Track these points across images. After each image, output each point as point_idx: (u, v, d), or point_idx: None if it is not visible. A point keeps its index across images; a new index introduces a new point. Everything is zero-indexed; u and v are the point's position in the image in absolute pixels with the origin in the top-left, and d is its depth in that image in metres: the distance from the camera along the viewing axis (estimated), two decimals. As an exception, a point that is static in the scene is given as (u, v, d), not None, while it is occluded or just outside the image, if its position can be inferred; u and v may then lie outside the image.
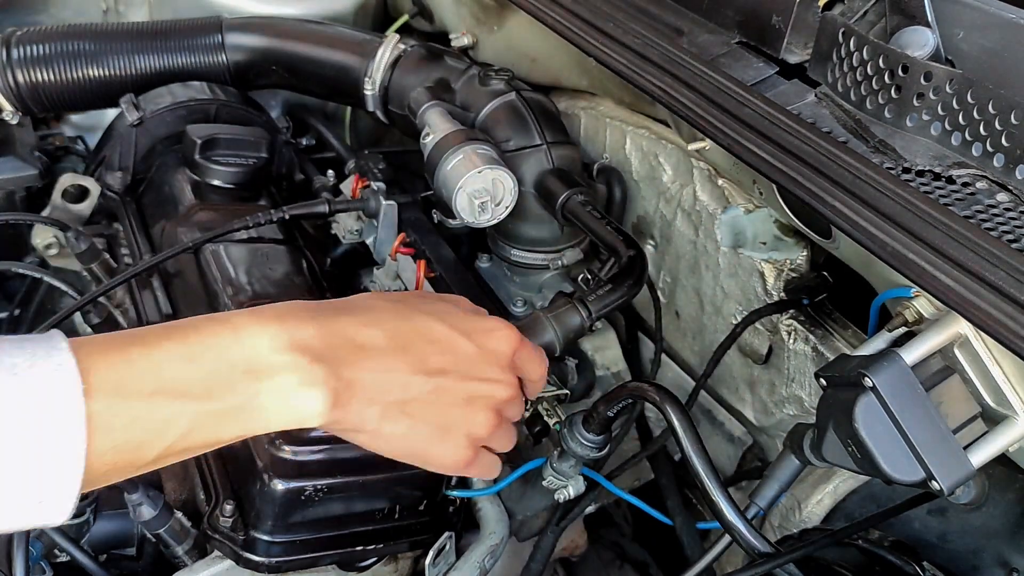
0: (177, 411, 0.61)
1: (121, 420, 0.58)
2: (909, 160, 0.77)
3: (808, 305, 0.99)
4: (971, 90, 0.74)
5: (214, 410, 0.62)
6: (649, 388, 0.84)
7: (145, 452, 0.61)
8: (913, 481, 0.68)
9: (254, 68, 1.42)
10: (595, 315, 0.91)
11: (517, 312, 1.17)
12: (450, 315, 0.76)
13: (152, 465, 0.63)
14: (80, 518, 0.92)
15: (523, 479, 0.96)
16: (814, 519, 0.98)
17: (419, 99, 1.22)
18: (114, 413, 0.58)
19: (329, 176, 1.37)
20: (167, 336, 0.63)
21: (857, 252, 0.87)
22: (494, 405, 0.75)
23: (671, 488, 1.09)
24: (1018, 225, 0.70)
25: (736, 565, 1.04)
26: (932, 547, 0.93)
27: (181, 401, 0.61)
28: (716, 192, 1.06)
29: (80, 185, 1.27)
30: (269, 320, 0.66)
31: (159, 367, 0.61)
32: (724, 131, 0.82)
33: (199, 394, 0.62)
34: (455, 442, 0.74)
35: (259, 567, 0.85)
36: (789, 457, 0.79)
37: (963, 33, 0.81)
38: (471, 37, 1.45)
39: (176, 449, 0.62)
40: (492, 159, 1.07)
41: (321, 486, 0.82)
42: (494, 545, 0.94)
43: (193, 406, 0.61)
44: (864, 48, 0.82)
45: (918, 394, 0.68)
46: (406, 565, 0.98)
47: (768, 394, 1.05)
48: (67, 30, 1.35)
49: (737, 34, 0.98)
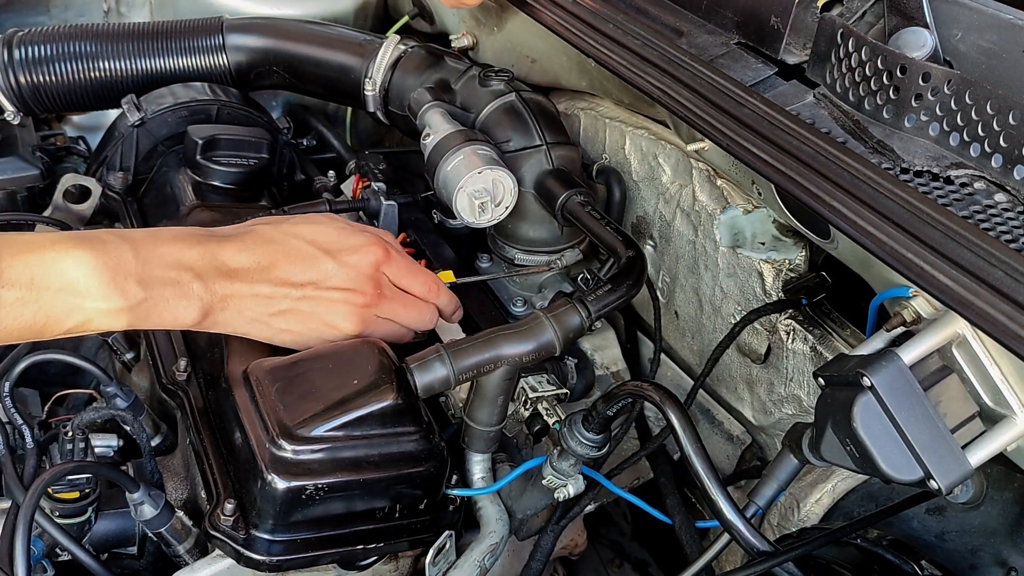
0: (77, 304, 0.78)
1: (30, 308, 0.76)
2: (907, 160, 0.77)
3: (807, 305, 1.00)
4: (969, 91, 0.75)
5: (108, 308, 0.80)
6: (648, 387, 0.85)
7: (48, 331, 0.78)
8: (911, 480, 0.68)
9: (255, 69, 1.42)
10: (595, 315, 0.92)
11: (517, 312, 1.18)
12: (320, 235, 0.91)
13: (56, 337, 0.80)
14: (81, 517, 0.92)
15: (523, 478, 0.97)
16: (813, 518, 0.98)
17: (419, 100, 1.22)
18: (24, 302, 0.75)
19: (330, 176, 1.37)
20: (79, 245, 0.79)
21: (855, 252, 0.87)
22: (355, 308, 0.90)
23: (670, 487, 1.09)
24: (1016, 225, 0.71)
25: (735, 564, 1.05)
26: (930, 546, 0.94)
27: (82, 298, 0.78)
28: (715, 192, 1.06)
29: (82, 185, 1.28)
30: (164, 242, 0.84)
31: (67, 269, 0.78)
32: (723, 131, 0.83)
33: (97, 295, 0.79)
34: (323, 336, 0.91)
35: (260, 566, 0.85)
36: (788, 456, 0.79)
37: (961, 34, 0.82)
38: (471, 38, 1.45)
39: (75, 331, 0.80)
40: (492, 159, 1.08)
41: (322, 485, 0.83)
42: (494, 544, 0.95)
43: (91, 303, 0.79)
44: (862, 49, 0.83)
45: (916, 394, 0.69)
46: (406, 564, 0.98)
47: (767, 393, 1.05)
48: (69, 31, 1.36)
49: (736, 35, 0.98)
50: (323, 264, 0.90)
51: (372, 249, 0.93)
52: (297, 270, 0.89)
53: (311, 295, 0.89)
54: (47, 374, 1.13)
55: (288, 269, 0.89)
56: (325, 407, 0.85)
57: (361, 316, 0.91)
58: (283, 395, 0.86)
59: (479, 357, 0.88)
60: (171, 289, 0.83)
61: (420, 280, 0.97)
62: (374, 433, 0.86)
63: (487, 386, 0.90)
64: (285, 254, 0.89)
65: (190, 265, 0.84)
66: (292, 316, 0.89)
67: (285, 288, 0.88)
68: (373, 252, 0.92)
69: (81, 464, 0.91)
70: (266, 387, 0.87)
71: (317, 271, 0.89)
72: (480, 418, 0.92)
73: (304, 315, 0.90)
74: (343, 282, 0.90)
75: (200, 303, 0.84)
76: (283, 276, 0.88)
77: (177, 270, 0.83)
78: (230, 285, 0.86)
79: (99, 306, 0.79)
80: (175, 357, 1.03)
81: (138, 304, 0.81)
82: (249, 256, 0.87)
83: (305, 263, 0.89)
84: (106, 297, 0.79)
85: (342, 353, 0.91)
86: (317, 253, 0.90)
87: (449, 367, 0.86)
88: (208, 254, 0.85)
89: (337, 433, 0.84)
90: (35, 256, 0.77)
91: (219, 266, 0.86)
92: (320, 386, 0.87)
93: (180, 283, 0.83)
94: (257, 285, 0.87)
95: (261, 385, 0.88)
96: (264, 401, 0.86)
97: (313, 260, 0.90)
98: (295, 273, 0.89)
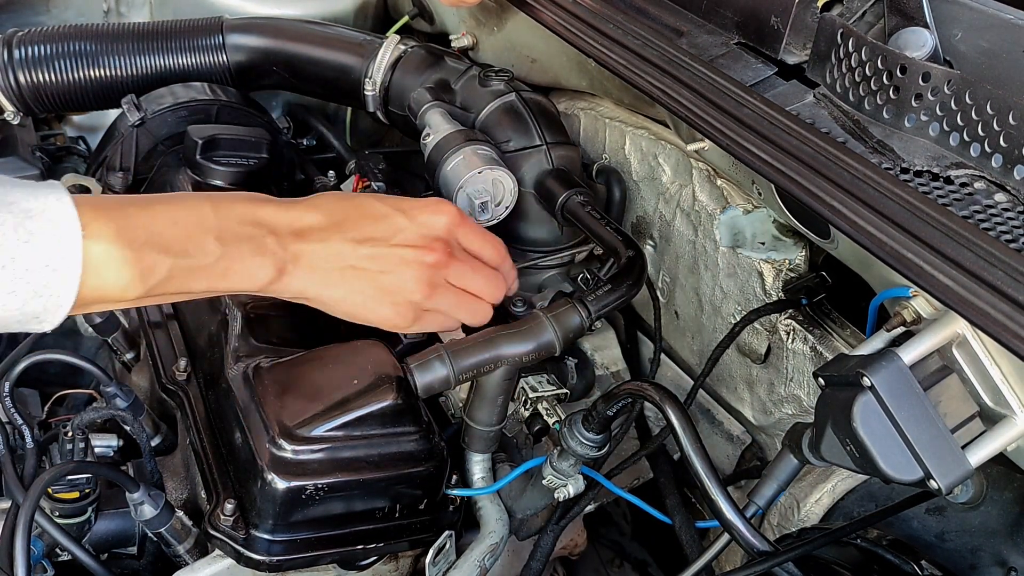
0: (159, 261, 0.75)
1: (116, 262, 0.73)
2: (907, 160, 0.77)
3: (807, 305, 1.00)
4: (969, 91, 0.75)
5: (188, 265, 0.77)
6: (648, 387, 0.85)
7: (128, 292, 0.75)
8: (911, 480, 0.68)
9: (255, 69, 1.42)
10: (595, 315, 0.92)
11: (517, 312, 1.18)
12: (391, 198, 0.90)
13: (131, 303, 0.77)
14: (81, 517, 0.92)
15: (523, 478, 0.97)
16: (813, 518, 0.98)
17: (419, 100, 1.22)
18: (110, 255, 0.73)
19: (330, 176, 1.37)
20: (160, 201, 0.79)
21: (855, 252, 0.87)
22: (424, 269, 0.86)
23: (670, 487, 1.09)
24: (1016, 225, 0.71)
25: (735, 564, 1.05)
26: (930, 546, 0.94)
27: (164, 255, 0.76)
28: (715, 192, 1.06)
29: (82, 185, 1.27)
30: (239, 200, 0.83)
31: (150, 224, 0.76)
32: (723, 131, 0.83)
33: (178, 251, 0.77)
34: (392, 301, 0.86)
35: (260, 565, 0.85)
36: (788, 456, 0.79)
37: (961, 34, 0.82)
38: (471, 38, 1.45)
39: (154, 293, 0.77)
40: (492, 159, 1.08)
41: (322, 485, 0.83)
42: (494, 544, 0.95)
43: (172, 260, 0.76)
44: (863, 49, 0.83)
45: (916, 393, 0.69)
46: (406, 564, 0.98)
47: (767, 393, 1.05)
48: (69, 31, 1.35)
49: (736, 35, 0.98)
50: (395, 219, 0.87)
51: (445, 209, 0.90)
52: (368, 225, 0.86)
53: (382, 253, 0.86)
54: (47, 374, 1.13)
55: (360, 224, 0.86)
56: (325, 407, 0.85)
57: (430, 278, 0.87)
58: (283, 395, 0.86)
59: (479, 357, 0.88)
60: (247, 245, 0.80)
61: (491, 245, 0.93)
62: (374, 433, 0.86)
63: (487, 386, 0.90)
64: (357, 210, 0.87)
65: (265, 221, 0.82)
66: (362, 276, 0.85)
67: (354, 245, 0.85)
68: (447, 212, 0.89)
69: (81, 464, 0.91)
70: (266, 387, 0.87)
71: (388, 226, 0.87)
72: (480, 418, 0.92)
73: (372, 275, 0.86)
74: (414, 239, 0.87)
75: (274, 259, 0.81)
76: (354, 232, 0.85)
77: (253, 226, 0.81)
78: (302, 243, 0.83)
79: (180, 263, 0.77)
80: (175, 357, 1.03)
81: (216, 261, 0.79)
82: (319, 215, 0.85)
83: (377, 219, 0.87)
84: (187, 253, 0.77)
85: (342, 353, 0.91)
86: (389, 210, 0.88)
87: (449, 367, 0.86)
88: (281, 211, 0.84)
89: (337, 433, 0.84)
90: (118, 211, 0.75)
91: (291, 222, 0.83)
92: (320, 386, 0.87)
93: (255, 239, 0.81)
94: (328, 242, 0.84)
95: (261, 385, 0.88)
96: (264, 401, 0.86)
97: (385, 217, 0.87)
98: (366, 228, 0.86)
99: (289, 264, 0.82)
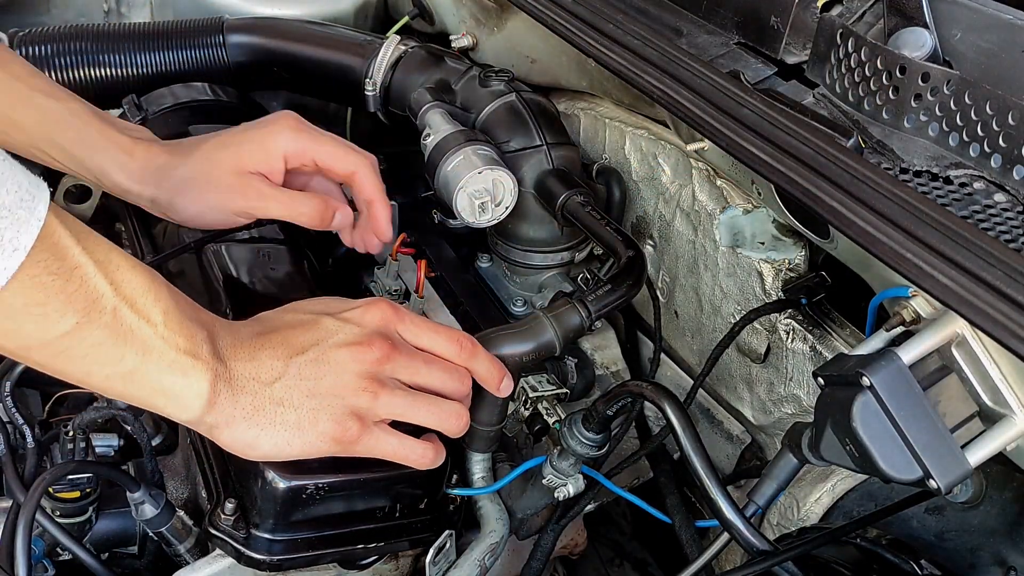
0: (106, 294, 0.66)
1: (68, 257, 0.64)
2: (907, 160, 0.78)
3: (806, 305, 1.00)
4: (969, 91, 0.75)
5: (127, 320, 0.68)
6: (648, 387, 0.85)
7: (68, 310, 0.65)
8: (911, 480, 0.68)
9: (255, 69, 1.42)
10: (595, 315, 0.92)
11: (517, 312, 1.18)
12: (317, 303, 0.82)
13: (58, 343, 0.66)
14: (82, 517, 0.92)
15: (523, 478, 0.97)
16: (812, 517, 0.98)
17: (420, 100, 1.22)
18: (66, 246, 0.64)
19: (330, 176, 1.37)
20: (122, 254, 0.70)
21: (855, 252, 0.87)
22: (365, 365, 0.76)
23: (670, 486, 1.09)
24: (1015, 225, 0.71)
25: (735, 563, 1.05)
26: (930, 545, 0.94)
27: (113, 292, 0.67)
28: (715, 192, 1.06)
29: (82, 185, 1.28)
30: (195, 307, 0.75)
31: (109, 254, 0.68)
32: (723, 131, 0.83)
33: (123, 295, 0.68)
34: (328, 412, 0.75)
35: (260, 565, 0.85)
36: (787, 456, 0.79)
37: (961, 34, 0.82)
38: (471, 38, 1.45)
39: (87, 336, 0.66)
40: (492, 159, 1.08)
41: (322, 484, 0.83)
42: (494, 544, 0.95)
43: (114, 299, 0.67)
44: (862, 49, 0.83)
45: (915, 393, 0.69)
46: (407, 563, 0.98)
47: (766, 393, 1.05)
48: (69, 31, 1.36)
49: (736, 35, 0.98)
50: (323, 323, 0.78)
51: (377, 306, 0.80)
52: (295, 334, 0.77)
53: (312, 358, 0.76)
54: (47, 374, 1.13)
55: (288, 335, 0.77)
56: (325, 407, 0.85)
57: (373, 373, 0.77)
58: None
59: None
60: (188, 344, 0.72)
61: (444, 337, 0.82)
62: (374, 433, 0.86)
63: None
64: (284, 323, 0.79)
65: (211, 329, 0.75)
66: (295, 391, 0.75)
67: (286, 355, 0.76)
68: (379, 308, 0.80)
69: (82, 464, 0.91)
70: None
71: (317, 332, 0.77)
72: (481, 418, 0.92)
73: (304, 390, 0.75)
74: (348, 337, 0.77)
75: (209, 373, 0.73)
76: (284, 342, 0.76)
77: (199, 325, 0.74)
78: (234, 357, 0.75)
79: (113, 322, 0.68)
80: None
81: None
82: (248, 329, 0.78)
83: (303, 327, 0.78)
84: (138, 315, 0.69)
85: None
86: (316, 316, 0.79)
87: None
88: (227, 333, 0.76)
89: (338, 433, 0.84)
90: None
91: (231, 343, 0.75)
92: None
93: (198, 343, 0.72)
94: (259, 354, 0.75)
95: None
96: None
97: (311, 323, 0.78)
98: (296, 337, 0.77)
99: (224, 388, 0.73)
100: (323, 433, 0.76)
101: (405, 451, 0.80)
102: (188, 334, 0.72)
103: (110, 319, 0.67)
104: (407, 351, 0.80)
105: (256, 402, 0.74)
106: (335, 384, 0.76)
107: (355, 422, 0.76)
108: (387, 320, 0.80)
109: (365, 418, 0.77)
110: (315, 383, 0.75)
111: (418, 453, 0.81)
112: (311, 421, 0.75)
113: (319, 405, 0.75)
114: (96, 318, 0.66)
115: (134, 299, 0.69)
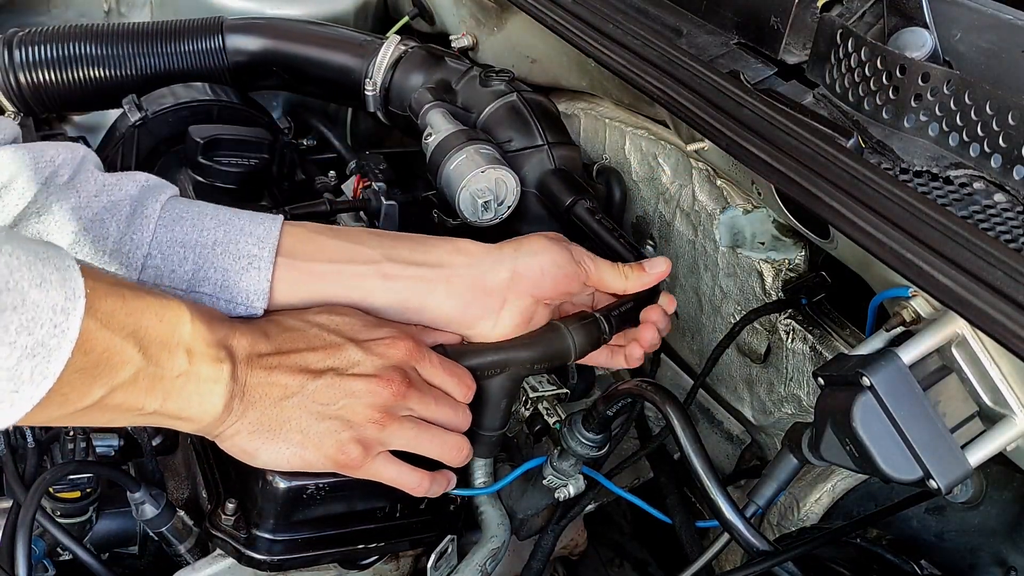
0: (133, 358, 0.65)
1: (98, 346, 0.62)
2: (907, 161, 0.78)
3: (806, 305, 1.00)
4: (969, 91, 0.75)
5: (151, 372, 0.67)
6: (648, 387, 0.85)
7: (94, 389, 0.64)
8: (911, 480, 0.68)
9: (255, 69, 1.42)
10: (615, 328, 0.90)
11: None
12: (344, 324, 0.80)
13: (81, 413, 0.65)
14: (83, 517, 0.92)
15: (523, 478, 0.97)
16: (812, 517, 0.98)
17: (420, 100, 1.22)
18: (96, 338, 0.62)
19: (330, 176, 1.37)
20: (149, 292, 0.70)
21: (855, 252, 0.87)
22: (379, 398, 0.77)
23: (670, 487, 1.09)
24: (1015, 225, 0.71)
25: (735, 563, 1.05)
26: (930, 545, 0.94)
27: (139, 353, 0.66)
28: (715, 192, 1.06)
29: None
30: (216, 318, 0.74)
31: (139, 314, 0.66)
32: (722, 132, 0.83)
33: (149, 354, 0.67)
34: (335, 436, 0.77)
35: (261, 565, 0.85)
36: (787, 456, 0.79)
37: (961, 34, 0.82)
38: (471, 38, 1.45)
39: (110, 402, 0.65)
40: (495, 158, 1.08)
41: (323, 484, 0.83)
42: (496, 548, 0.95)
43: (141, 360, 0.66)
44: (862, 49, 0.83)
45: (916, 393, 0.69)
46: (407, 563, 0.98)
47: (766, 393, 1.06)
48: (69, 31, 1.36)
49: (736, 35, 0.98)
50: (346, 351, 0.78)
51: (402, 341, 0.81)
52: (316, 357, 0.78)
53: (328, 383, 0.77)
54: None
55: (308, 356, 0.77)
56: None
57: (386, 406, 0.78)
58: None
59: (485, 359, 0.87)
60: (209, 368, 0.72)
61: (456, 381, 0.83)
62: (375, 433, 0.86)
63: (492, 390, 0.89)
64: (306, 341, 0.78)
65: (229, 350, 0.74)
66: (304, 412, 0.76)
67: (302, 377, 0.76)
68: (404, 344, 0.81)
69: (82, 463, 0.91)
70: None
71: (338, 358, 0.78)
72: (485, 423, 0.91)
73: (315, 413, 0.76)
74: (368, 369, 0.78)
75: (227, 388, 0.73)
76: (302, 363, 0.77)
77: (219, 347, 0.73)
78: (250, 371, 0.75)
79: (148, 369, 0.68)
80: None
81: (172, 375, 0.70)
82: (269, 343, 0.77)
83: (325, 351, 0.78)
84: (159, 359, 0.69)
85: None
86: (340, 340, 0.79)
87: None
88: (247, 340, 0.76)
89: (338, 433, 0.84)
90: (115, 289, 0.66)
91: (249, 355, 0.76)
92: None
93: (218, 362, 0.73)
94: (274, 373, 0.76)
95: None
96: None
97: (334, 348, 0.78)
98: (315, 360, 0.77)
99: (237, 398, 0.74)
100: (325, 455, 0.77)
101: (403, 479, 0.82)
102: (211, 359, 0.72)
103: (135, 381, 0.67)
104: (421, 388, 0.81)
105: (263, 418, 0.75)
106: (347, 412, 0.77)
107: (359, 449, 0.77)
108: (410, 357, 0.81)
109: (370, 447, 0.78)
110: (327, 408, 0.76)
111: (415, 481, 0.82)
112: (316, 443, 0.77)
113: (327, 429, 0.77)
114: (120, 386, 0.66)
115: (160, 357, 0.68)
